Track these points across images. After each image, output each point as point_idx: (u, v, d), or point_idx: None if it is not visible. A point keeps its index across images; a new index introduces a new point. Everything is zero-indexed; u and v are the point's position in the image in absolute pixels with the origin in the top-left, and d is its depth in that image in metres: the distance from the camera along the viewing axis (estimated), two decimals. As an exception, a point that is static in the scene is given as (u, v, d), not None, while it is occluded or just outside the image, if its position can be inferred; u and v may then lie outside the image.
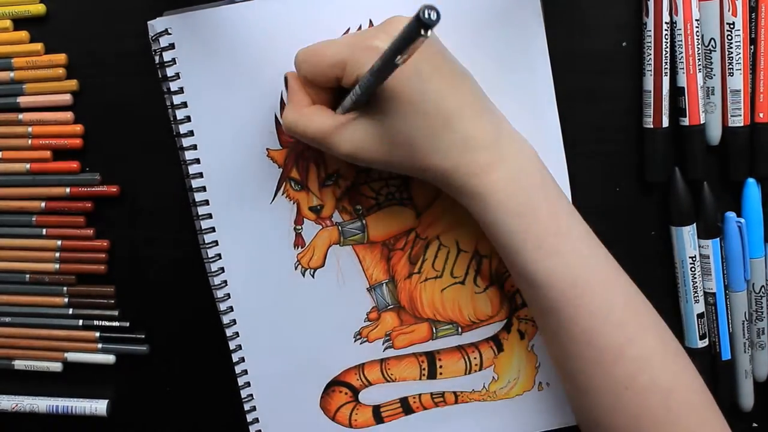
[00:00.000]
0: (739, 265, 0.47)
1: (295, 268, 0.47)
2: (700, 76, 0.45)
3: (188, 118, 0.45)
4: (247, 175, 0.46)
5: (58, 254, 0.50)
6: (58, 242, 0.50)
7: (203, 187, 0.46)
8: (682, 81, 0.45)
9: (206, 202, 0.46)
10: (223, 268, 0.47)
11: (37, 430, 0.54)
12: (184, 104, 0.45)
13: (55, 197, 0.50)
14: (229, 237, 0.46)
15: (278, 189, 0.46)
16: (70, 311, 0.51)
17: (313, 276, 0.47)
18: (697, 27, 0.44)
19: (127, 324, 0.51)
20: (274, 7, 0.44)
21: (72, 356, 0.52)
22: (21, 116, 0.49)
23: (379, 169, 0.45)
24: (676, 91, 0.46)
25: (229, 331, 0.47)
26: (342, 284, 0.47)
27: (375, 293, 0.48)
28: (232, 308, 0.47)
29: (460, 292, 0.47)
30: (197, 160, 0.45)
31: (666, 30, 0.44)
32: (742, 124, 0.46)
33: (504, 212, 0.39)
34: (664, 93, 0.45)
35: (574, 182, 0.46)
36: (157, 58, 0.45)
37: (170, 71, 0.44)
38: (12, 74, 0.48)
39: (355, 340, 0.48)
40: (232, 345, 0.48)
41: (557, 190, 0.41)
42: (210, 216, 0.46)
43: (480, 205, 0.39)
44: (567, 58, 0.46)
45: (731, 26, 0.44)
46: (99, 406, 0.52)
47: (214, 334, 0.49)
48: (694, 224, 0.47)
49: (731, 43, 0.45)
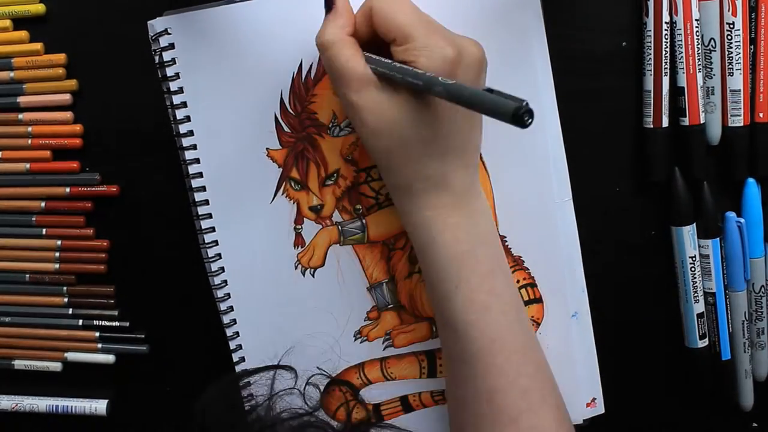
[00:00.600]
0: (739, 265, 0.47)
1: (295, 268, 0.47)
2: (700, 76, 0.45)
3: (188, 118, 0.45)
4: (247, 175, 0.46)
5: (58, 254, 0.50)
6: (58, 242, 0.50)
7: (203, 187, 0.46)
8: (682, 81, 0.45)
9: (206, 202, 0.46)
10: (223, 268, 0.47)
11: (37, 430, 0.54)
12: (184, 104, 0.45)
13: (55, 197, 0.50)
14: (229, 237, 0.46)
15: (278, 189, 0.46)
16: (70, 311, 0.51)
17: (313, 275, 0.47)
18: (697, 27, 0.44)
19: (127, 324, 0.51)
20: (274, 7, 0.44)
21: (72, 356, 0.52)
22: (21, 116, 0.49)
23: (352, 142, 0.43)
24: (676, 91, 0.46)
25: (230, 331, 0.47)
26: (342, 284, 0.47)
27: (375, 292, 0.48)
28: (232, 308, 0.47)
29: None
30: (197, 160, 0.45)
31: (666, 30, 0.44)
32: (742, 124, 0.46)
33: (446, 255, 0.39)
34: (664, 93, 0.45)
35: (574, 182, 0.46)
36: (157, 58, 0.45)
37: (170, 71, 0.44)
38: (12, 74, 0.48)
39: (355, 339, 0.48)
40: (232, 344, 0.48)
41: (501, 255, 0.42)
42: (210, 216, 0.46)
43: (425, 240, 0.40)
44: (567, 58, 0.46)
45: (731, 26, 0.44)
46: (99, 406, 0.52)
47: (214, 334, 0.49)
48: (694, 224, 0.47)
49: (731, 43, 0.45)
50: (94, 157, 0.49)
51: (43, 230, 0.50)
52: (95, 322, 0.51)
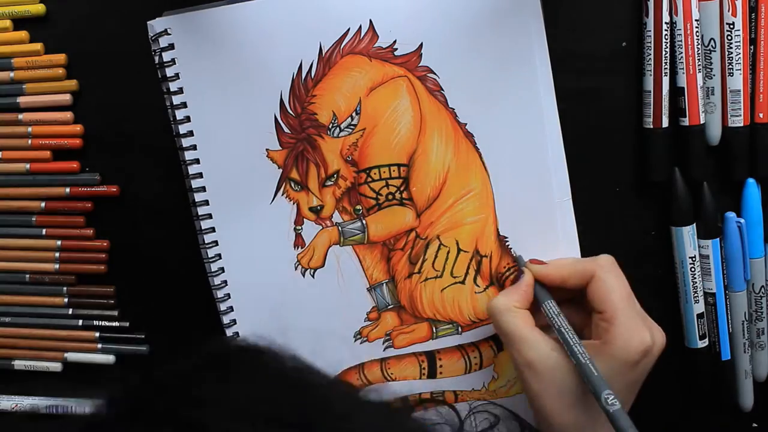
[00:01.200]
0: (739, 265, 0.47)
1: (295, 269, 0.47)
2: (700, 76, 0.45)
3: (188, 119, 0.45)
4: (246, 176, 0.46)
5: (58, 254, 0.50)
6: (58, 242, 0.50)
7: (203, 188, 0.46)
8: (682, 81, 0.45)
9: (206, 202, 0.46)
10: (223, 268, 0.47)
11: (37, 430, 0.54)
12: (184, 104, 0.45)
13: (55, 197, 0.50)
14: (229, 237, 0.46)
15: (278, 189, 0.46)
16: (70, 311, 0.51)
17: (313, 276, 0.47)
18: (697, 27, 0.44)
19: (127, 324, 0.51)
20: (274, 7, 0.44)
21: (72, 356, 0.52)
22: (21, 116, 0.49)
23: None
24: (676, 91, 0.45)
25: (229, 331, 0.47)
26: (342, 284, 0.47)
27: (375, 293, 0.48)
28: (232, 308, 0.47)
29: (460, 292, 0.47)
30: (197, 161, 0.45)
31: (666, 30, 0.44)
32: (742, 124, 0.46)
33: None
34: (664, 93, 0.45)
35: (574, 182, 0.46)
36: (157, 59, 0.45)
37: (170, 71, 0.44)
38: (12, 74, 0.48)
39: (355, 340, 0.48)
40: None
41: None
42: (210, 216, 0.46)
43: None
44: (567, 58, 0.46)
45: (731, 26, 0.44)
46: (99, 406, 0.52)
47: (214, 334, 0.49)
48: (694, 224, 0.47)
49: (731, 43, 0.44)
50: (94, 157, 0.49)
51: (43, 230, 0.50)
52: (95, 322, 0.51)
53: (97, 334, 0.52)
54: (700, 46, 0.45)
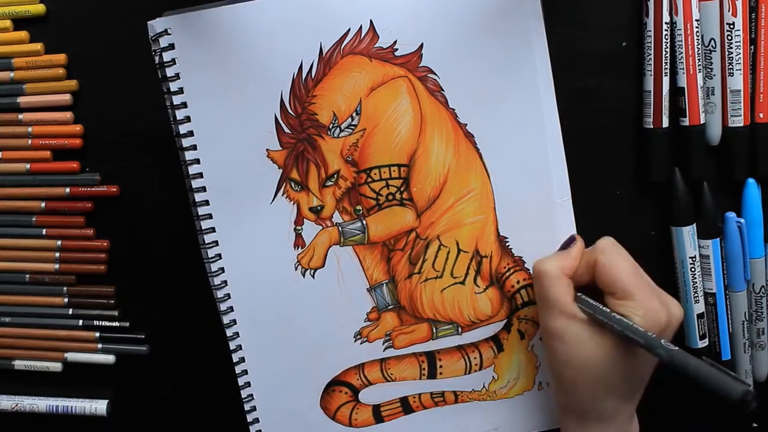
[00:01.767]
0: (739, 265, 0.47)
1: (295, 269, 0.47)
2: (700, 76, 0.45)
3: (188, 119, 0.45)
4: (247, 176, 0.46)
5: (58, 254, 0.50)
6: (58, 242, 0.50)
7: (203, 188, 0.46)
8: (682, 81, 0.45)
9: (206, 202, 0.46)
10: (223, 268, 0.47)
11: (37, 430, 0.54)
12: (184, 104, 0.45)
13: (55, 197, 0.50)
14: (229, 237, 0.46)
15: (278, 190, 0.46)
16: (70, 311, 0.51)
17: (314, 276, 0.47)
18: (697, 27, 0.44)
19: (127, 324, 0.51)
20: (274, 7, 0.44)
21: (72, 356, 0.52)
22: (21, 116, 0.49)
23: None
24: (676, 91, 0.45)
25: (230, 331, 0.48)
26: (342, 284, 0.47)
27: (375, 293, 0.48)
28: (232, 308, 0.47)
29: (460, 292, 0.47)
30: (197, 161, 0.45)
31: (666, 30, 0.44)
32: (742, 124, 0.46)
33: None
34: (664, 93, 0.45)
35: (574, 182, 0.46)
36: (157, 59, 0.45)
37: (170, 71, 0.44)
38: (12, 74, 0.48)
39: (355, 340, 0.48)
40: (233, 345, 0.48)
41: None
42: (210, 216, 0.46)
43: None
44: (567, 58, 0.46)
45: (731, 26, 0.44)
46: (99, 406, 0.52)
47: (214, 334, 0.49)
48: (694, 224, 0.47)
49: (731, 43, 0.44)
50: (94, 157, 0.49)
51: (43, 230, 0.50)
52: (95, 323, 0.51)
53: (97, 334, 0.52)
54: (700, 46, 0.45)
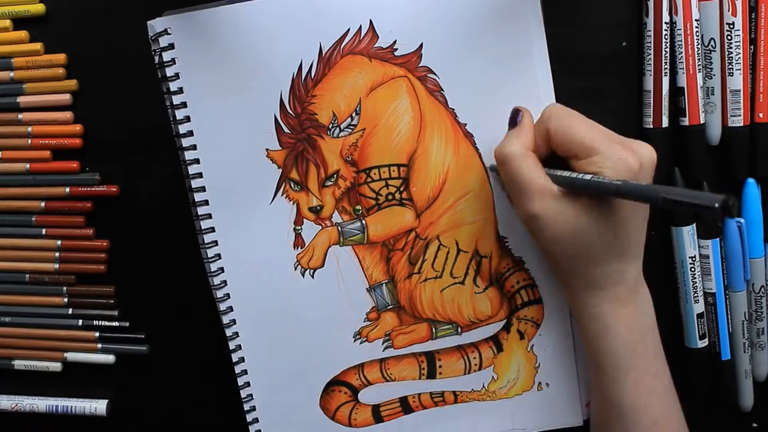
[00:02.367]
0: (739, 265, 0.47)
1: (295, 269, 0.47)
2: (700, 76, 0.45)
3: (188, 118, 0.45)
4: (246, 176, 0.46)
5: (57, 254, 0.50)
6: (58, 242, 0.50)
7: (203, 188, 0.46)
8: (682, 81, 0.45)
9: (206, 202, 0.46)
10: (222, 268, 0.47)
11: (37, 430, 0.54)
12: (184, 104, 0.45)
13: (55, 197, 0.50)
14: (229, 237, 0.46)
15: (278, 189, 0.46)
16: (70, 311, 0.51)
17: (313, 276, 0.47)
18: (697, 27, 0.44)
19: (127, 324, 0.51)
20: (274, 7, 0.44)
21: (72, 356, 0.52)
22: (21, 116, 0.49)
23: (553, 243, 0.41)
24: (676, 91, 0.45)
25: (229, 331, 0.48)
26: (342, 284, 0.47)
27: (374, 293, 0.48)
28: (231, 308, 0.47)
29: (460, 292, 0.47)
30: (197, 160, 0.45)
31: (666, 30, 0.44)
32: (741, 124, 0.46)
33: (620, 343, 0.41)
34: (664, 93, 0.45)
35: (573, 182, 0.46)
36: (157, 59, 0.45)
37: (170, 71, 0.44)
38: (12, 74, 0.48)
39: (355, 340, 0.48)
40: (232, 345, 0.48)
41: (658, 335, 0.42)
42: (210, 216, 0.46)
43: (600, 330, 0.41)
44: (567, 58, 0.46)
45: (731, 26, 0.44)
46: (99, 406, 0.52)
47: (214, 334, 0.49)
48: (694, 224, 0.47)
49: (731, 43, 0.44)
50: (94, 157, 0.49)
51: (43, 230, 0.50)
52: (95, 322, 0.51)
53: (97, 334, 0.52)
54: (700, 46, 0.44)
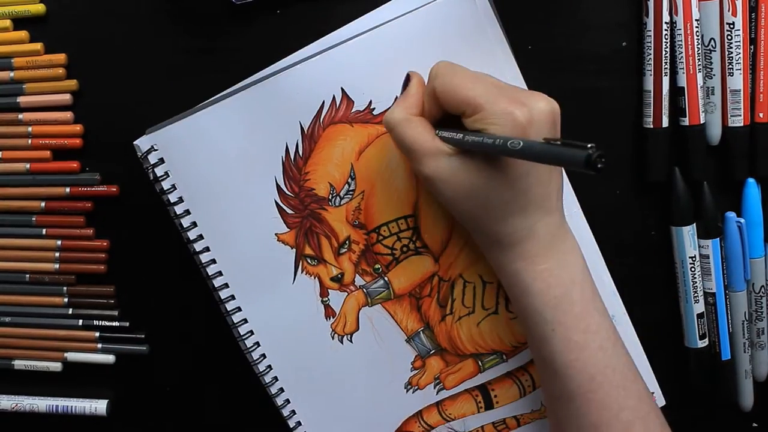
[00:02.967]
0: (739, 265, 0.47)
1: (332, 338, 0.47)
2: (700, 76, 0.45)
3: (194, 224, 0.46)
4: (264, 264, 0.46)
5: (58, 254, 0.50)
6: (58, 242, 0.50)
7: (226, 284, 0.46)
8: (682, 81, 0.45)
9: (233, 296, 0.47)
10: (258, 343, 0.47)
11: (37, 430, 0.54)
12: (187, 212, 0.45)
13: (55, 197, 0.50)
14: (260, 322, 0.47)
15: (296, 268, 0.46)
16: (70, 311, 0.51)
17: (351, 341, 0.47)
18: (697, 27, 0.44)
19: (127, 324, 0.51)
20: (248, 101, 0.44)
21: (72, 356, 0.52)
22: (21, 116, 0.49)
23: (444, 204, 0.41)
24: (676, 91, 0.46)
25: (286, 411, 0.48)
26: (381, 342, 0.48)
27: (414, 342, 0.48)
28: (282, 389, 0.48)
29: (496, 322, 0.47)
30: (213, 261, 0.46)
31: (666, 30, 0.44)
32: (742, 124, 0.46)
33: (541, 301, 0.40)
34: (664, 93, 0.45)
35: (574, 182, 0.46)
36: (151, 175, 0.45)
37: (166, 184, 0.45)
38: (12, 74, 0.48)
39: (407, 391, 0.48)
40: (292, 423, 0.48)
41: (593, 290, 0.41)
42: (239, 309, 0.47)
43: (519, 289, 0.40)
44: (567, 57, 0.46)
45: (731, 26, 0.44)
46: (99, 406, 0.52)
47: (214, 334, 0.49)
48: (694, 224, 0.47)
49: (731, 43, 0.44)
50: (94, 157, 0.49)
51: (43, 230, 0.50)
52: (95, 322, 0.51)
53: (97, 334, 0.52)
54: (700, 46, 0.45)
